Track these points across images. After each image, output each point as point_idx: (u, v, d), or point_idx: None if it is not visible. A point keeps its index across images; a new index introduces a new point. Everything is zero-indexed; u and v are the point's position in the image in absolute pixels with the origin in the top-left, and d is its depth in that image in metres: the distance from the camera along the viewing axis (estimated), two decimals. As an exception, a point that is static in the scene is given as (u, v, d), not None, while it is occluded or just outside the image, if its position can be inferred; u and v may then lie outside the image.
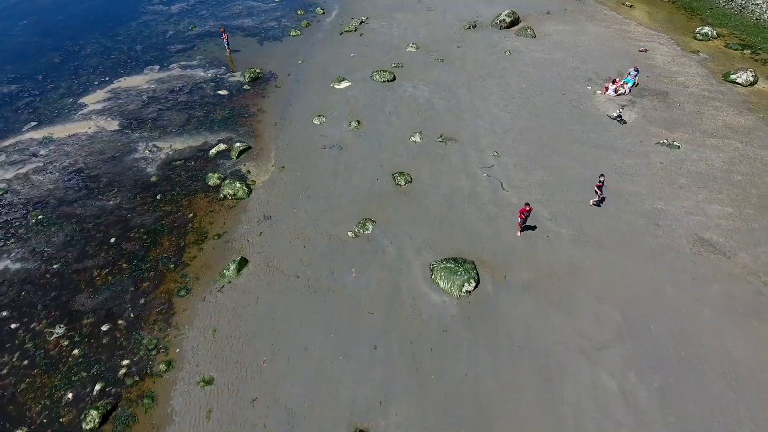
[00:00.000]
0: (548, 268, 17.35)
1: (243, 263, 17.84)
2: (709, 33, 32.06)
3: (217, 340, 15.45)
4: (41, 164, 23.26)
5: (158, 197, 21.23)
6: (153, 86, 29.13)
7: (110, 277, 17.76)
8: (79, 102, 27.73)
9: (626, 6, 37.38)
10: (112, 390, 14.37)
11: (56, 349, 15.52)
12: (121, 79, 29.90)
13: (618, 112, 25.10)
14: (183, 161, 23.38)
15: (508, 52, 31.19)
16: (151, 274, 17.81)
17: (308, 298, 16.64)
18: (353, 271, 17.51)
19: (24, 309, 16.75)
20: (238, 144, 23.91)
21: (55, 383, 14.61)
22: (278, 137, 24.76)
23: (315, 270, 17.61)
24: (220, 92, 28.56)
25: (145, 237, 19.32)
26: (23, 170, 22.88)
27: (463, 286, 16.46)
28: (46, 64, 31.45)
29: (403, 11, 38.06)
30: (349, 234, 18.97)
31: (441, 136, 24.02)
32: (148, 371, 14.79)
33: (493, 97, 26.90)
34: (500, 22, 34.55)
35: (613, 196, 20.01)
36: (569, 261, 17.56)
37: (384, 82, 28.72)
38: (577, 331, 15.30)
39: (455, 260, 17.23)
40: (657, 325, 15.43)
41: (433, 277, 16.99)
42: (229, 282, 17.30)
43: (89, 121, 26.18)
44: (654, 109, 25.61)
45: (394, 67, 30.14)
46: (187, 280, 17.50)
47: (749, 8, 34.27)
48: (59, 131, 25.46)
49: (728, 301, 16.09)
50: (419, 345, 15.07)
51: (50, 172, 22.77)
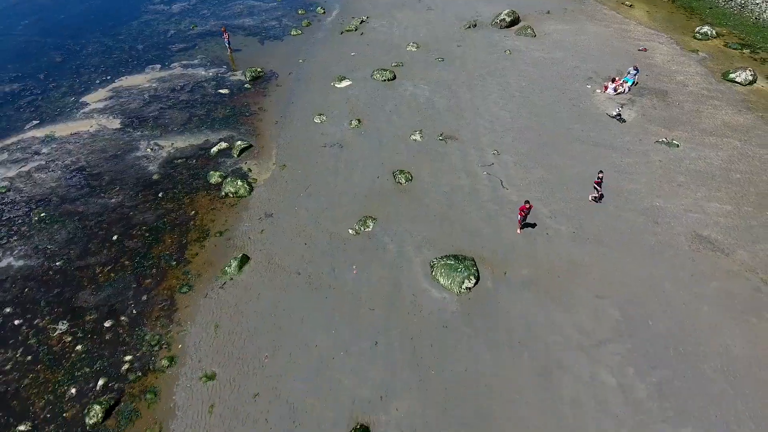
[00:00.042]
0: (548, 265, 17.46)
1: (245, 260, 17.96)
2: (709, 32, 32.17)
3: (219, 336, 15.57)
4: (43, 162, 23.38)
5: (160, 195, 21.35)
6: (154, 85, 29.24)
7: (113, 274, 17.88)
8: (80, 101, 27.85)
9: (626, 5, 37.48)
10: (115, 385, 14.49)
11: (59, 345, 15.64)
12: (122, 78, 30.03)
13: (617, 110, 25.21)
14: (184, 159, 23.50)
15: (508, 51, 31.29)
16: (154, 271, 17.93)
17: (309, 295, 16.76)
18: (354, 268, 17.62)
19: (27, 305, 16.88)
20: (239, 142, 24.02)
21: (59, 378, 14.73)
22: (279, 136, 24.88)
23: (316, 267, 17.72)
24: (221, 91, 28.67)
25: (147, 234, 19.44)
26: (25, 168, 23.01)
27: (463, 282, 16.57)
28: (48, 63, 31.58)
29: (404, 10, 38.18)
30: (350, 231, 19.08)
31: (441, 135, 24.13)
32: (150, 367, 14.91)
33: (494, 96, 27.01)
34: (500, 21, 34.65)
35: (613, 194, 20.12)
36: (569, 258, 17.67)
37: (384, 80, 28.83)
38: (577, 328, 15.42)
39: (455, 257, 17.33)
40: (656, 321, 15.54)
41: (433, 273, 17.10)
42: (231, 279, 17.42)
43: (91, 120, 26.30)
44: (653, 108, 25.71)
45: (395, 66, 30.25)
46: (189, 276, 17.62)
47: (748, 8, 34.38)
48: (61, 130, 25.58)
49: (726, 298, 16.20)
50: (420, 341, 15.19)
51: (52, 170, 22.89)
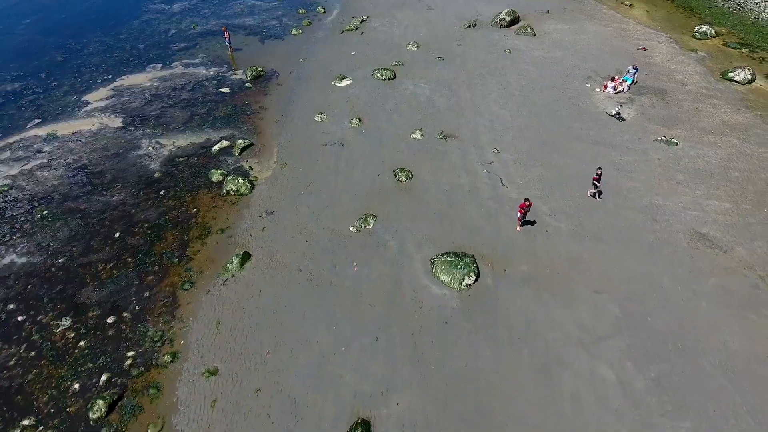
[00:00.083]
0: (547, 262, 17.58)
1: (246, 257, 18.07)
2: (708, 32, 32.29)
3: (222, 332, 15.69)
4: (45, 160, 23.50)
5: (162, 193, 21.46)
6: (156, 84, 29.36)
7: (115, 271, 18.00)
8: (82, 99, 27.97)
9: (625, 5, 37.61)
10: (118, 380, 14.61)
11: (62, 341, 15.76)
12: (123, 77, 30.15)
13: (617, 109, 25.34)
14: (186, 158, 23.62)
15: (507, 51, 31.41)
16: (156, 267, 18.05)
17: (311, 291, 16.87)
18: (355, 264, 17.74)
19: (30, 302, 16.99)
20: (240, 141, 24.14)
21: (62, 374, 14.85)
22: (280, 134, 25.00)
23: (317, 264, 17.84)
24: (222, 90, 28.79)
25: (149, 232, 19.55)
26: (28, 166, 23.13)
27: (463, 279, 16.69)
28: (49, 62, 31.70)
29: (404, 10, 38.30)
30: (351, 229, 19.20)
31: (441, 133, 24.25)
32: (153, 362, 15.03)
33: (493, 95, 27.13)
34: (500, 20, 34.77)
35: (612, 192, 20.25)
36: (568, 255, 17.79)
37: (385, 80, 28.95)
38: (576, 324, 15.54)
39: (455, 254, 17.45)
40: (654, 317, 15.66)
41: (433, 270, 17.21)
42: (233, 275, 17.54)
43: (93, 119, 26.42)
44: (652, 107, 25.84)
45: (395, 65, 30.38)
46: (191, 273, 17.74)
47: (748, 7, 34.51)
48: (63, 128, 25.70)
49: (725, 295, 16.31)
50: (420, 337, 15.31)
51: (54, 169, 23.02)
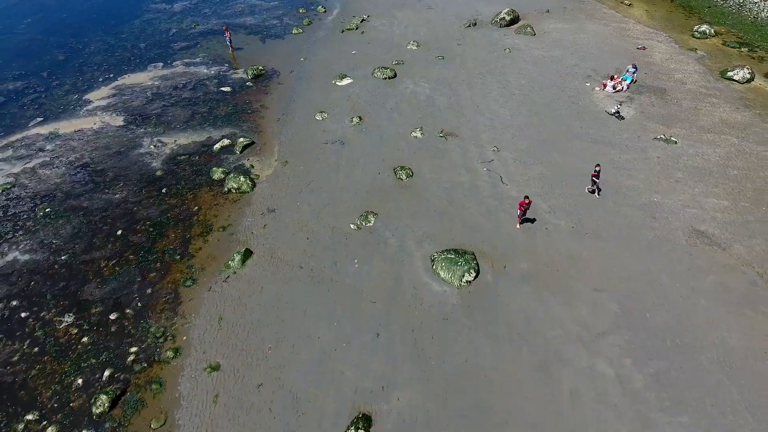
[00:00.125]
0: (547, 259, 17.69)
1: (248, 254, 18.19)
2: (707, 31, 32.41)
3: (223, 328, 15.80)
4: (48, 159, 23.62)
5: (163, 191, 21.58)
6: (157, 83, 29.47)
7: (117, 268, 18.12)
8: (84, 98, 28.09)
9: (625, 4, 37.73)
10: (121, 376, 14.74)
11: (66, 337, 15.88)
12: (125, 76, 30.25)
13: (616, 108, 25.45)
14: (187, 156, 23.73)
15: (507, 50, 31.53)
16: (158, 265, 18.17)
17: (312, 288, 16.99)
18: (356, 262, 17.85)
19: (33, 298, 17.11)
20: (241, 139, 24.25)
21: (65, 369, 14.97)
22: (281, 133, 25.11)
23: (318, 261, 17.96)
24: (223, 89, 28.90)
25: (151, 229, 19.67)
26: (30, 165, 23.24)
27: (463, 276, 16.80)
28: (51, 61, 31.81)
29: (404, 9, 38.42)
30: (352, 226, 19.31)
31: (442, 132, 24.36)
32: (155, 358, 15.15)
33: (493, 94, 27.25)
34: (500, 20, 34.89)
35: (611, 190, 20.36)
36: (568, 252, 17.91)
37: (385, 79, 29.06)
38: (576, 321, 15.65)
39: (456, 251, 17.57)
40: (653, 314, 15.77)
41: (434, 267, 17.33)
42: (234, 272, 17.66)
43: (94, 117, 26.54)
44: (652, 106, 25.95)
45: (395, 64, 30.49)
46: (193, 270, 17.85)
47: (747, 7, 34.62)
48: (65, 127, 25.82)
49: (723, 292, 16.43)
50: (420, 333, 15.42)
51: (57, 167, 23.13)
